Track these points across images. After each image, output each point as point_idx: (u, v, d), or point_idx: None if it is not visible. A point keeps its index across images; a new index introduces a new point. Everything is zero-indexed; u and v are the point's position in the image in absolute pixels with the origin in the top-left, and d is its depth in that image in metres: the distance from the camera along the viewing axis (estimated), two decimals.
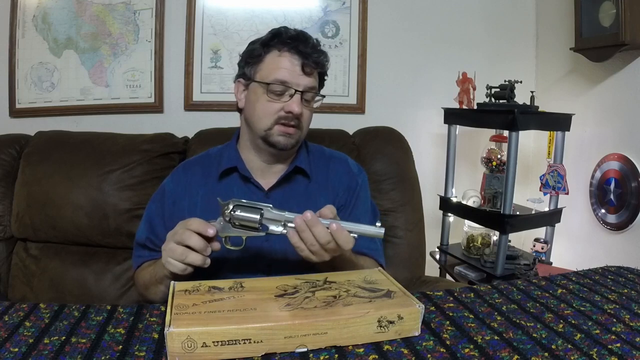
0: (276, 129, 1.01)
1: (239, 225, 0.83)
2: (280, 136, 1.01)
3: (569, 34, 1.88)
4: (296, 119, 1.00)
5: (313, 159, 1.13)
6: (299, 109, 0.99)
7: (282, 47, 1.01)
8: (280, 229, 0.82)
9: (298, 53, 1.01)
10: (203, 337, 0.58)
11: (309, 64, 1.01)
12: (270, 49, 1.02)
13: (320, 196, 1.08)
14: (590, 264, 1.04)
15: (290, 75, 1.00)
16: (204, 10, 1.93)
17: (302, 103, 1.01)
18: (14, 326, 0.67)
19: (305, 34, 1.04)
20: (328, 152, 1.20)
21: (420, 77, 2.12)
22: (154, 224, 1.08)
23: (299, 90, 1.00)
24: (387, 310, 0.65)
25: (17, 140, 1.61)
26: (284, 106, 1.00)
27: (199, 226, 0.82)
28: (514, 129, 1.57)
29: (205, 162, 1.13)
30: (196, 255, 0.82)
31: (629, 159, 1.67)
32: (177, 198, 1.08)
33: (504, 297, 0.81)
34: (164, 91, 1.94)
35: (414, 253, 1.59)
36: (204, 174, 1.10)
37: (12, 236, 1.56)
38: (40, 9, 1.86)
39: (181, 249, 0.82)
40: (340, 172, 1.14)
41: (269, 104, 1.00)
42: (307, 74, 1.01)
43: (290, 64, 1.00)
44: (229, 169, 1.07)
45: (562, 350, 0.62)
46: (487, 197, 1.81)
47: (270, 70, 1.01)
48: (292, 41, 1.01)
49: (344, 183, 1.12)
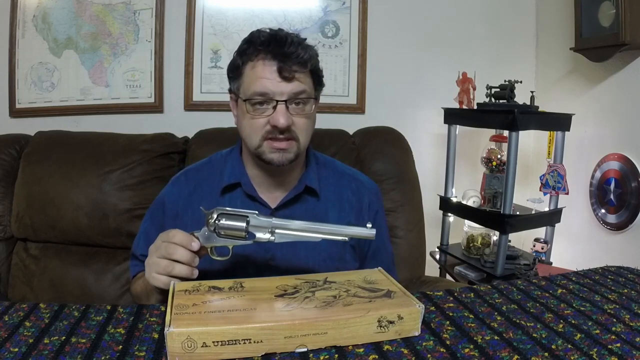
0: (266, 145, 0.92)
1: (225, 234, 0.79)
2: (273, 153, 0.92)
3: (569, 34, 1.88)
4: (286, 131, 0.91)
5: (323, 175, 1.06)
6: (285, 121, 0.88)
7: (256, 55, 0.91)
8: (267, 236, 0.79)
9: (274, 58, 0.89)
10: (203, 337, 0.58)
11: (286, 67, 0.89)
12: (247, 58, 0.92)
13: (330, 212, 1.02)
14: (590, 264, 1.03)
15: (269, 84, 0.89)
16: (204, 10, 1.93)
17: (290, 112, 0.90)
18: (14, 326, 0.67)
19: (280, 33, 0.92)
20: (340, 167, 1.12)
21: (420, 77, 2.12)
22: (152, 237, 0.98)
23: (281, 100, 0.89)
24: (387, 310, 0.65)
25: (17, 140, 1.61)
26: (269, 119, 0.90)
27: (182, 239, 0.78)
28: (514, 129, 1.57)
29: (208, 171, 1.05)
30: (182, 267, 0.78)
31: (629, 159, 1.67)
32: (179, 211, 1.02)
33: (504, 297, 0.81)
34: (164, 91, 1.94)
35: (414, 253, 1.59)
36: (207, 185, 1.02)
37: (12, 236, 1.56)
38: (40, 9, 1.86)
39: (165, 262, 0.78)
40: (355, 190, 1.06)
41: (254, 121, 0.91)
42: (288, 79, 0.89)
43: (267, 72, 0.89)
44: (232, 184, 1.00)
45: (562, 350, 0.62)
46: (487, 197, 1.81)
47: (249, 83, 0.91)
48: (265, 46, 0.90)
49: (363, 201, 1.06)
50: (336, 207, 1.03)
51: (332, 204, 1.03)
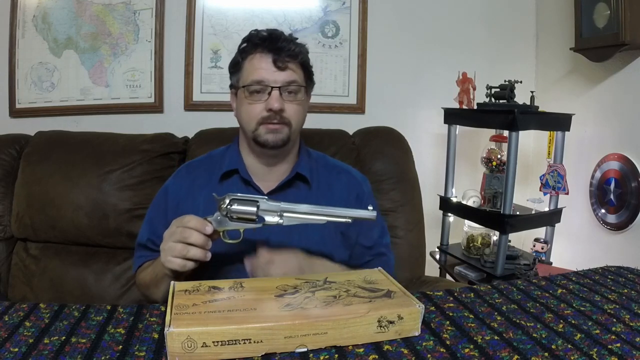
0: (262, 128, 1.02)
1: (237, 218, 0.85)
2: (268, 134, 1.02)
3: (569, 34, 1.88)
4: (279, 115, 1.01)
5: (315, 167, 1.14)
6: (279, 105, 1.00)
7: (255, 50, 1.03)
8: (276, 219, 0.84)
9: (270, 51, 1.02)
10: (203, 337, 0.58)
11: (280, 58, 1.01)
12: (246, 54, 1.05)
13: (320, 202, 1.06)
14: (590, 264, 1.04)
15: (265, 73, 1.01)
16: (204, 10, 1.93)
17: (283, 98, 1.02)
18: (14, 326, 0.67)
19: (276, 31, 1.05)
20: (331, 161, 1.20)
21: (420, 77, 2.12)
22: (156, 224, 1.09)
23: (275, 87, 1.01)
24: (387, 310, 0.65)
25: (17, 140, 1.61)
26: (265, 105, 1.01)
27: (196, 224, 0.84)
28: (514, 129, 1.57)
29: (208, 164, 1.14)
30: (197, 250, 0.84)
31: (629, 159, 1.67)
32: (180, 200, 1.09)
33: (504, 297, 0.81)
34: (164, 91, 1.94)
35: (414, 253, 1.59)
36: (207, 176, 1.11)
37: (12, 236, 1.56)
38: (40, 9, 1.86)
39: (180, 246, 0.84)
40: (344, 182, 1.14)
41: (251, 107, 1.02)
42: (281, 69, 1.02)
43: (264, 63, 1.02)
44: (230, 171, 1.09)
45: (562, 350, 0.62)
46: (487, 197, 1.81)
47: (248, 74, 1.03)
48: (263, 42, 1.03)
49: (352, 193, 1.13)
50: (326, 198, 1.09)
51: (323, 194, 1.10)
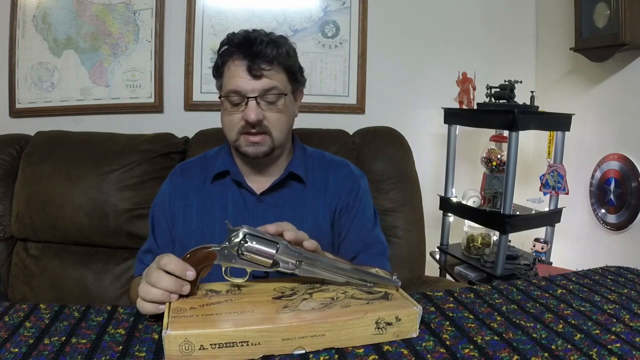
0: (242, 139, 0.99)
1: (249, 259, 0.71)
2: (248, 147, 0.99)
3: (569, 34, 1.87)
4: (258, 125, 0.97)
5: (311, 164, 1.11)
6: (255, 116, 0.95)
7: (231, 56, 0.98)
8: (292, 266, 0.71)
9: (245, 57, 0.96)
10: (200, 340, 0.58)
11: (255, 66, 0.96)
12: (225, 59, 1.00)
13: (318, 201, 1.07)
14: (590, 264, 1.04)
15: (241, 82, 0.96)
16: (204, 10, 1.93)
17: (262, 108, 0.97)
18: (14, 326, 0.67)
19: (252, 34, 0.99)
20: (328, 157, 1.17)
21: (420, 77, 2.12)
22: (156, 226, 1.09)
23: (251, 97, 0.96)
24: (384, 312, 0.65)
25: (17, 140, 1.61)
26: (242, 115, 0.97)
27: (175, 267, 0.69)
28: (514, 129, 1.57)
29: (202, 164, 1.12)
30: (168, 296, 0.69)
31: (629, 159, 1.67)
32: (175, 200, 1.08)
33: (503, 297, 0.81)
34: (164, 91, 1.94)
35: (414, 253, 1.59)
36: (201, 176, 1.09)
37: (12, 236, 1.56)
38: (40, 9, 1.86)
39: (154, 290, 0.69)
40: (341, 176, 1.11)
41: (231, 116, 0.99)
42: (257, 77, 0.96)
43: (240, 71, 0.97)
44: (222, 172, 1.07)
45: (562, 351, 0.62)
46: (487, 197, 1.81)
47: (226, 82, 1.00)
48: (238, 47, 0.97)
49: (346, 186, 1.10)
50: (322, 193, 1.08)
51: (319, 190, 1.08)
